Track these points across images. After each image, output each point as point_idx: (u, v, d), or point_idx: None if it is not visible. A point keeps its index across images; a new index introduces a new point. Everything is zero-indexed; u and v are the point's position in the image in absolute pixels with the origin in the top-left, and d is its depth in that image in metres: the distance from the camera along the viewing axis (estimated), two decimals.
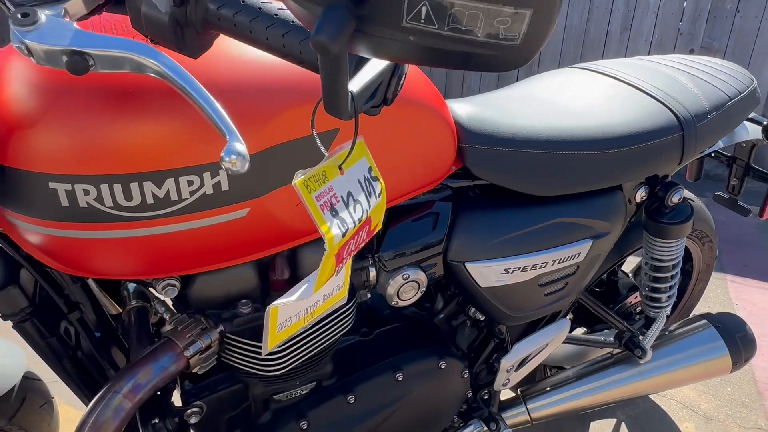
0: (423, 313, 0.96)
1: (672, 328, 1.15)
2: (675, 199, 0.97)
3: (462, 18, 0.27)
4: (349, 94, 0.34)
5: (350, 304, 0.75)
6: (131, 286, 0.75)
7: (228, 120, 0.37)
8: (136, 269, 0.59)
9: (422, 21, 0.27)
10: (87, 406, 0.74)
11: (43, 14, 0.37)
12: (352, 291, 0.76)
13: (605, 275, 1.28)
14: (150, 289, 0.73)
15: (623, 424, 1.46)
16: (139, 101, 0.51)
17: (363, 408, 0.82)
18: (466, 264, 0.82)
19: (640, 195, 0.98)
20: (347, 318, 0.75)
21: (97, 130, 0.50)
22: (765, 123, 1.08)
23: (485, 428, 1.01)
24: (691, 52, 3.69)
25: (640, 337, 1.07)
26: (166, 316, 0.69)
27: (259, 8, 0.39)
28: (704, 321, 1.12)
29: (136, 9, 0.39)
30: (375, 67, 0.37)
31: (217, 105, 0.38)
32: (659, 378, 1.09)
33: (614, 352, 1.14)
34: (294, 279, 0.72)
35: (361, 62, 0.36)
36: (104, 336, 0.72)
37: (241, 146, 0.36)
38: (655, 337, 1.07)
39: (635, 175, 0.91)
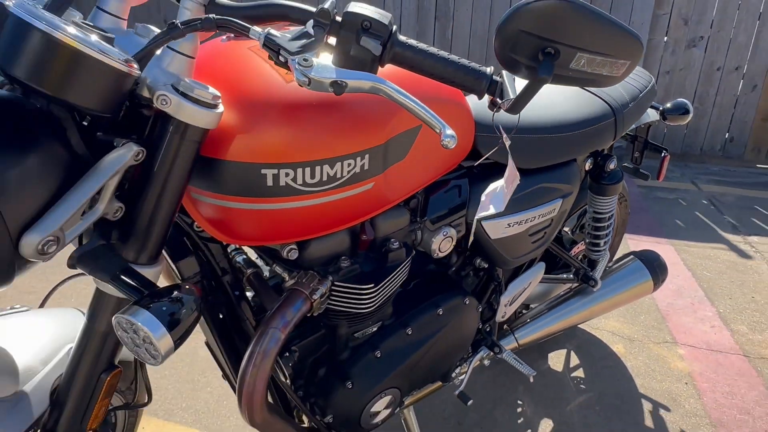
0: (440, 268, 1.22)
1: (609, 265, 1.52)
2: (611, 166, 1.33)
3: (599, 65, 0.54)
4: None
5: (408, 258, 1.00)
6: (240, 258, 0.95)
7: (438, 117, 0.61)
8: (285, 235, 0.80)
9: (580, 66, 0.54)
10: (221, 352, 0.93)
11: (313, 59, 0.58)
12: (409, 247, 1.01)
13: None
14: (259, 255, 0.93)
15: (572, 353, 1.84)
16: (324, 110, 0.72)
17: (417, 337, 1.07)
18: (482, 221, 1.11)
19: (588, 165, 1.33)
20: (407, 268, 1.00)
21: (296, 131, 0.71)
22: (661, 108, 1.48)
23: (491, 353, 1.30)
24: None
25: (592, 272, 1.43)
26: (286, 275, 0.90)
27: (427, 50, 0.63)
28: (632, 257, 1.50)
29: (345, 52, 0.62)
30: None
31: (429, 109, 0.61)
32: (606, 302, 1.45)
33: (572, 287, 1.49)
34: (373, 240, 0.96)
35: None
36: (239, 295, 0.91)
37: (450, 131, 0.60)
38: (602, 271, 1.44)
39: (586, 149, 1.25)
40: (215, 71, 0.75)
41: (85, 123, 0.62)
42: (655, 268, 1.47)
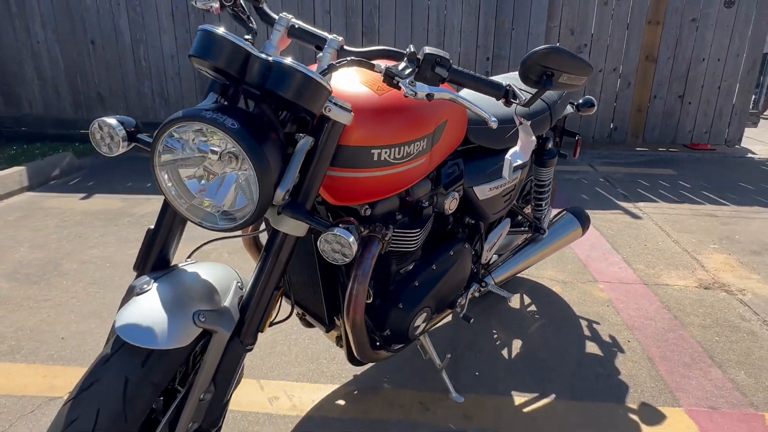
0: (442, 226, 1.67)
1: (550, 219, 2.06)
2: (549, 145, 1.85)
3: (572, 79, 1.00)
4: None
5: (433, 214, 1.44)
6: None
7: (488, 112, 1.03)
8: (368, 196, 1.21)
9: (564, 81, 1.00)
10: (320, 281, 1.31)
11: (415, 80, 0.99)
12: (432, 206, 1.45)
13: None
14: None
15: (524, 295, 2.37)
16: (403, 111, 1.14)
17: (439, 271, 1.50)
18: (474, 187, 1.57)
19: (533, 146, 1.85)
20: (432, 221, 1.44)
21: (390, 124, 1.11)
22: (575, 103, 2.04)
23: (479, 287, 1.78)
24: (488, 60, 4.97)
25: (541, 224, 1.95)
26: (361, 227, 1.30)
27: (469, 72, 1.07)
28: (565, 212, 2.05)
29: (424, 77, 1.04)
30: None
31: (482, 107, 1.04)
32: (552, 246, 1.98)
33: (527, 237, 2.01)
34: (412, 201, 1.38)
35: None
36: None
37: (495, 119, 1.03)
38: (548, 223, 1.96)
39: (534, 134, 1.77)
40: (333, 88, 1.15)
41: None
42: (582, 218, 2.03)
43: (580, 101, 2.04)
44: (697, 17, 4.82)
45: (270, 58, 0.93)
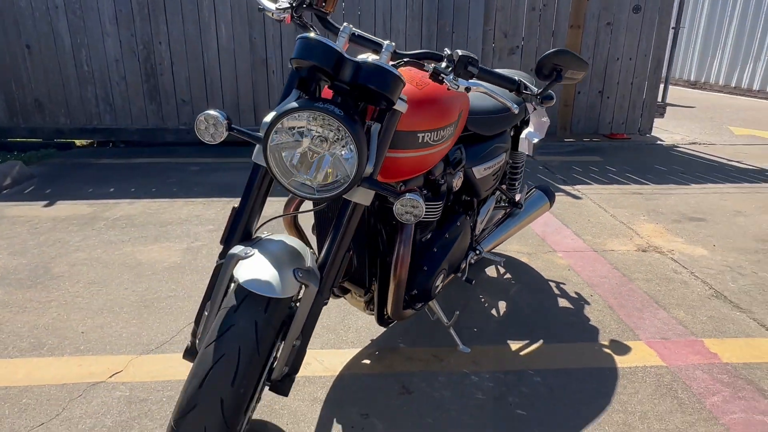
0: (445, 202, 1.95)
1: (524, 196, 2.41)
2: (524, 133, 2.19)
3: (574, 74, 1.31)
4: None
5: (446, 190, 1.71)
6: None
7: (511, 101, 1.31)
8: (410, 174, 1.45)
9: (569, 75, 1.30)
10: (367, 246, 1.55)
11: (457, 79, 1.25)
12: (446, 184, 1.72)
13: None
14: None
15: (499, 266, 2.70)
16: (439, 102, 1.40)
17: (450, 239, 1.78)
18: (472, 168, 1.87)
19: (511, 133, 2.18)
20: (444, 200, 1.72)
21: (431, 113, 1.36)
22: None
23: (474, 254, 2.07)
24: None
25: (518, 201, 2.29)
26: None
27: (492, 69, 1.34)
28: (534, 189, 2.40)
29: (459, 73, 1.30)
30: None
31: (506, 98, 1.31)
32: (527, 219, 2.32)
33: (506, 212, 2.34)
34: (431, 179, 1.65)
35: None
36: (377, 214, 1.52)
37: (516, 106, 1.31)
38: (524, 199, 2.30)
39: (511, 123, 2.09)
40: None
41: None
42: (549, 194, 2.39)
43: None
44: (612, 21, 5.45)
45: (357, 59, 1.16)
